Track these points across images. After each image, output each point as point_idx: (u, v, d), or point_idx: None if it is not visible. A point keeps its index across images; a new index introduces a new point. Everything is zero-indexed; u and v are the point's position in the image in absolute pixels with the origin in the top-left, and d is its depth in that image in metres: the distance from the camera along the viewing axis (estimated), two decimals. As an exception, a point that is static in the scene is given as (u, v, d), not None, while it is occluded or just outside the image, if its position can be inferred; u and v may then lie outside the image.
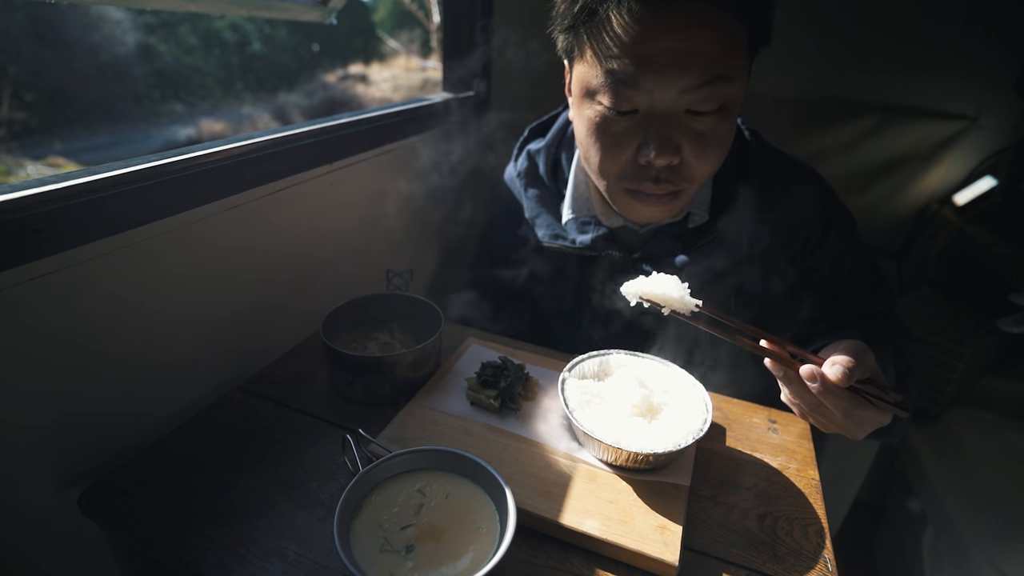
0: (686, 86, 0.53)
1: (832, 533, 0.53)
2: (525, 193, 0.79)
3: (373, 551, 0.41)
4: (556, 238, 0.74)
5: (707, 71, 0.53)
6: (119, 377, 0.58)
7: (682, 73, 0.53)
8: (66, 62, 5.07)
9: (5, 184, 0.48)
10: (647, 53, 0.53)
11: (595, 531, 0.49)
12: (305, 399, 0.66)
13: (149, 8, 0.63)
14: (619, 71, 0.55)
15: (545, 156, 0.78)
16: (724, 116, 0.57)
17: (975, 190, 1.43)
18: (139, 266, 0.58)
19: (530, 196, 0.78)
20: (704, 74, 0.53)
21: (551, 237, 0.75)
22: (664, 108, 0.56)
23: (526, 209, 0.79)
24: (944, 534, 1.06)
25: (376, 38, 8.53)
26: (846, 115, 1.46)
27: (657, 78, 0.53)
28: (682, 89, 0.54)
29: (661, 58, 0.52)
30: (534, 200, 0.78)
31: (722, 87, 0.54)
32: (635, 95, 0.56)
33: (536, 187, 0.79)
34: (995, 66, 1.32)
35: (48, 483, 0.54)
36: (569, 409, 0.57)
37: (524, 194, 0.79)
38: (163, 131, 5.62)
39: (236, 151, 0.65)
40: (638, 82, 0.54)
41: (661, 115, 0.56)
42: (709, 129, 0.57)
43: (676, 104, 0.55)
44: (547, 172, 0.78)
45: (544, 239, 0.75)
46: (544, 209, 0.77)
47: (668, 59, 0.52)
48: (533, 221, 0.77)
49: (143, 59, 5.72)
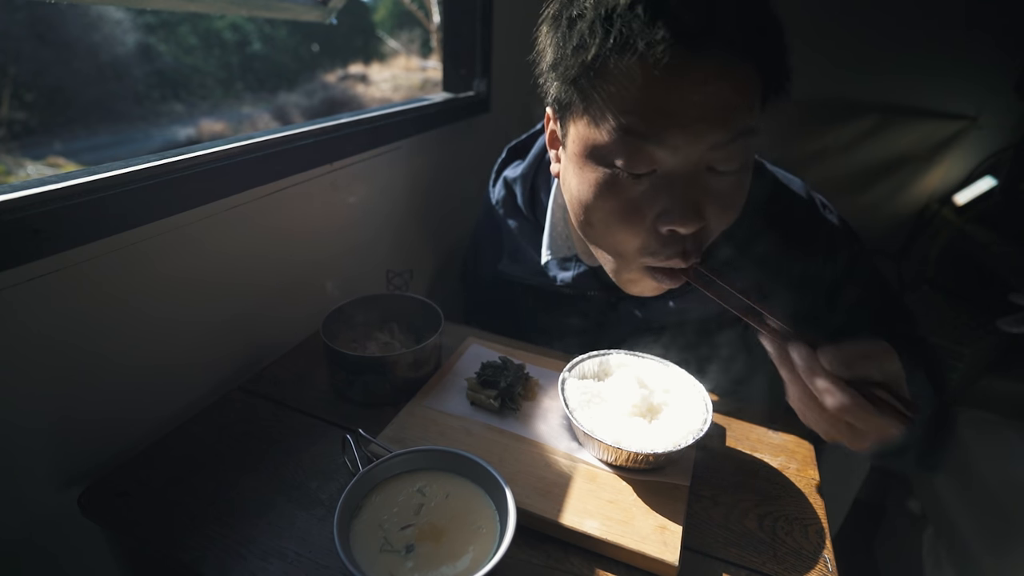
0: (716, 142, 0.48)
1: (832, 533, 0.53)
2: (505, 222, 0.75)
3: (373, 551, 0.41)
4: (536, 275, 0.72)
5: (736, 125, 0.48)
6: (119, 377, 0.58)
7: (712, 127, 0.47)
8: (66, 62, 5.07)
9: (5, 184, 0.48)
10: (673, 107, 0.47)
11: (595, 531, 0.49)
12: (305, 399, 0.66)
13: (149, 8, 0.63)
14: (639, 128, 0.48)
15: (522, 186, 0.73)
16: (744, 174, 0.53)
17: (975, 190, 1.43)
18: (139, 266, 0.58)
19: (510, 228, 0.75)
20: (734, 128, 0.48)
21: (531, 274, 0.73)
22: (688, 168, 0.50)
23: (505, 241, 0.76)
24: (944, 534, 1.06)
25: (376, 38, 8.53)
26: (846, 115, 1.46)
27: (685, 134, 0.47)
28: (711, 145, 0.48)
29: (691, 111, 0.47)
30: (515, 231, 0.74)
31: (748, 141, 0.50)
32: (656, 154, 0.49)
33: (515, 218, 0.75)
34: (995, 66, 1.32)
35: (48, 483, 0.54)
36: (569, 409, 0.57)
37: (504, 223, 0.76)
38: (163, 131, 5.62)
39: (236, 151, 0.65)
40: (663, 139, 0.48)
41: (684, 176, 0.50)
42: (731, 189, 0.52)
43: (700, 163, 0.50)
44: (525, 203, 0.73)
45: (525, 275, 0.73)
46: (525, 241, 0.73)
47: (697, 113, 0.47)
48: (513, 256, 0.75)
49: (143, 59, 5.72)
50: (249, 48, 7.22)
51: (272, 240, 0.74)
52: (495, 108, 1.23)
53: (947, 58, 1.35)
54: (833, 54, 1.39)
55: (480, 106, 1.19)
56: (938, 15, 1.31)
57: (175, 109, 5.98)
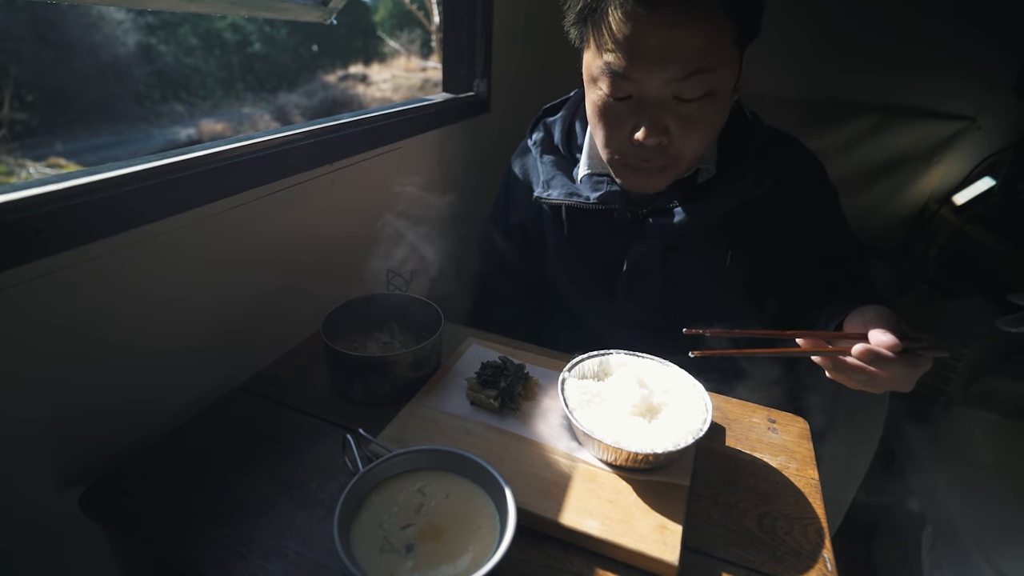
0: (671, 77, 0.60)
1: (832, 533, 0.53)
2: (541, 159, 0.85)
3: (373, 551, 0.41)
4: (571, 195, 0.80)
5: (690, 64, 0.59)
6: (119, 378, 0.59)
7: (666, 66, 0.60)
8: (67, 62, 5.07)
9: (6, 184, 0.48)
10: (638, 48, 0.60)
11: (595, 531, 0.49)
12: (305, 399, 0.66)
13: (149, 8, 0.63)
14: (614, 64, 0.62)
15: (560, 125, 0.85)
16: (709, 101, 0.63)
17: (974, 190, 1.43)
18: (139, 267, 0.58)
19: (545, 162, 0.85)
20: (687, 67, 0.59)
21: (566, 195, 0.80)
22: (653, 96, 0.63)
23: (542, 172, 0.85)
24: (944, 534, 1.06)
25: (376, 38, 8.52)
26: (846, 115, 1.46)
27: (645, 70, 0.61)
28: (667, 79, 0.61)
29: (649, 52, 0.59)
30: (549, 165, 0.84)
31: (706, 76, 0.61)
32: (628, 85, 0.63)
33: (551, 154, 0.85)
34: (994, 67, 1.32)
35: (49, 483, 0.54)
36: (569, 409, 0.57)
37: (540, 160, 0.86)
38: (164, 131, 5.62)
39: (236, 151, 0.66)
40: (630, 74, 0.61)
41: (651, 101, 0.63)
42: (695, 113, 0.64)
43: (663, 92, 0.62)
44: (561, 140, 0.85)
45: (560, 197, 0.80)
46: (559, 172, 0.83)
47: (654, 54, 0.59)
48: (548, 183, 0.83)
49: (144, 59, 5.72)
50: (249, 48, 7.22)
51: (272, 240, 0.75)
52: (495, 108, 1.23)
53: (946, 59, 1.35)
54: (833, 55, 1.39)
55: (480, 106, 1.19)
56: (938, 15, 1.31)
57: (176, 109, 5.98)
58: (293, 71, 7.54)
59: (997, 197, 1.35)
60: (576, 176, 0.82)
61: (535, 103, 0.94)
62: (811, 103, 1.45)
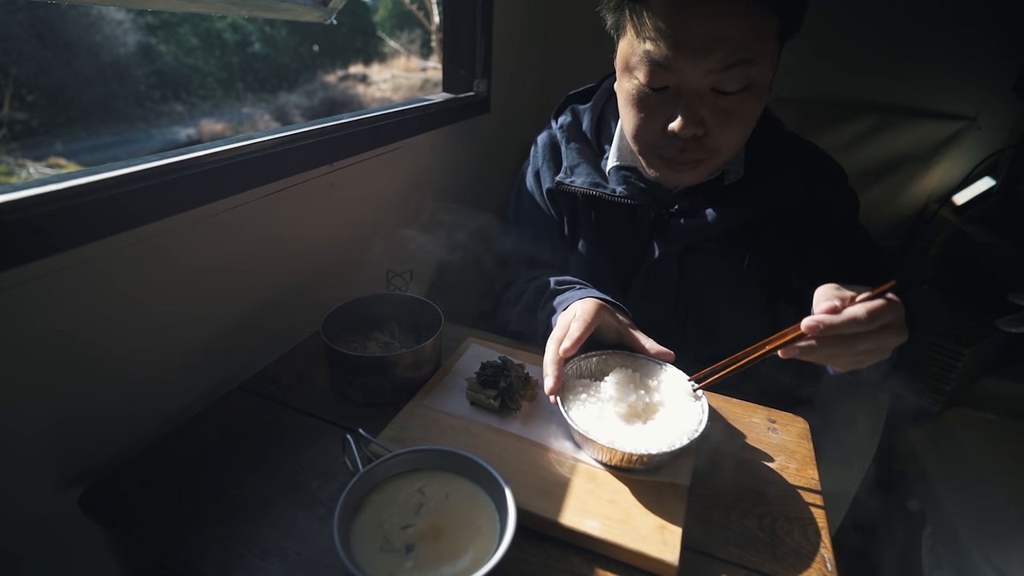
0: (710, 68, 0.60)
1: (832, 533, 0.53)
2: (567, 145, 0.83)
3: (373, 550, 0.41)
4: (596, 186, 0.78)
5: (731, 55, 0.59)
6: (120, 377, 0.58)
7: (707, 56, 0.59)
8: (67, 62, 5.08)
9: (6, 184, 0.48)
10: (679, 37, 0.59)
11: (595, 531, 0.49)
12: (305, 399, 0.66)
13: (149, 8, 0.63)
14: (654, 52, 0.61)
15: (591, 113, 0.83)
16: (748, 95, 0.63)
17: (974, 190, 1.43)
18: (139, 267, 0.58)
19: (571, 148, 0.83)
20: (728, 58, 0.59)
21: (590, 185, 0.78)
22: (691, 86, 0.62)
23: (565, 159, 0.83)
24: (943, 534, 1.06)
25: (376, 38, 8.53)
26: (846, 115, 1.46)
27: (686, 60, 0.60)
28: (707, 70, 0.60)
29: (691, 42, 0.59)
30: (575, 152, 0.82)
31: (746, 69, 0.60)
32: (667, 74, 0.62)
33: (577, 141, 0.83)
34: (993, 67, 1.32)
35: (49, 483, 0.54)
36: (565, 409, 0.57)
37: (565, 146, 0.83)
38: (164, 131, 5.63)
39: (236, 151, 0.66)
40: (670, 63, 0.61)
41: (689, 92, 0.62)
42: (733, 106, 0.63)
43: (702, 83, 0.61)
44: (591, 128, 0.83)
45: (584, 186, 0.79)
46: (583, 161, 0.81)
47: (697, 43, 0.58)
48: (572, 170, 0.81)
49: (144, 59, 5.73)
50: (249, 48, 7.23)
51: (272, 240, 0.75)
52: (495, 108, 1.23)
53: (946, 59, 1.35)
54: (833, 55, 1.39)
55: (480, 106, 1.19)
56: (937, 16, 1.31)
57: (176, 109, 5.98)
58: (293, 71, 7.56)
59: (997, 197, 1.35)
60: (604, 167, 0.80)
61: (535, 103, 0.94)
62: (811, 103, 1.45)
